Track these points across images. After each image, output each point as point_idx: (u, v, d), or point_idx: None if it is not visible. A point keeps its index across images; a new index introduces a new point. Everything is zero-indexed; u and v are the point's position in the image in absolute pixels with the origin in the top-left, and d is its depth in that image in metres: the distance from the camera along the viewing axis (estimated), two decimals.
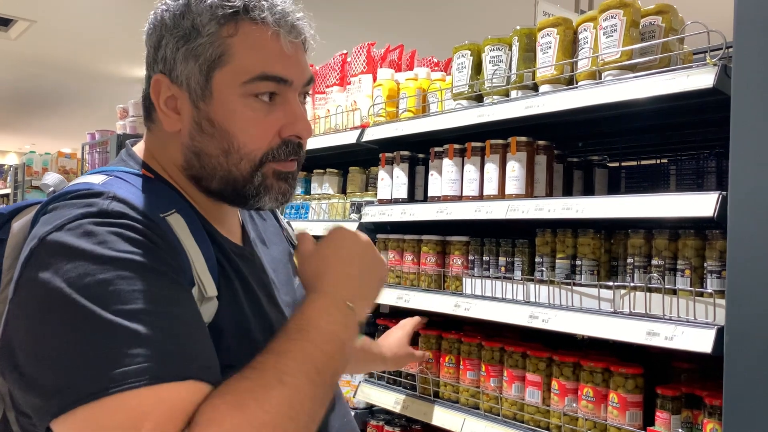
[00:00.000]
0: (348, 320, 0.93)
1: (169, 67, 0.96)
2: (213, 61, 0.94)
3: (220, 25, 0.93)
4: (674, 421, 1.61)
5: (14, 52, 8.20)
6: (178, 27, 0.95)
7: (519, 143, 2.00)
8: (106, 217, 0.84)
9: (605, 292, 1.72)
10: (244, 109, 0.95)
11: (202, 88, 0.95)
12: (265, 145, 0.97)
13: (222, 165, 0.97)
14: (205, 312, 0.90)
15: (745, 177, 1.36)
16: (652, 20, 1.76)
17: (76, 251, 0.79)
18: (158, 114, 0.98)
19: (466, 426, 2.02)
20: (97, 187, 0.89)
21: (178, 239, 0.89)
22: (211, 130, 0.96)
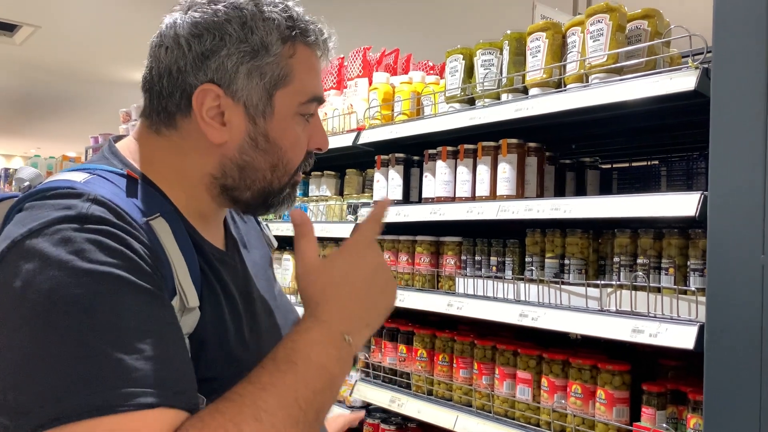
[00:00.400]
0: (343, 354, 0.86)
1: (228, 80, 0.93)
2: (276, 80, 0.95)
3: (282, 44, 0.95)
4: (659, 416, 1.64)
5: (19, 58, 8.28)
6: (245, 42, 0.93)
7: (510, 145, 2.03)
8: (85, 222, 0.79)
9: (592, 291, 1.76)
10: (295, 128, 0.98)
11: (264, 105, 0.95)
12: (300, 160, 1.01)
13: (266, 178, 0.98)
14: (186, 323, 0.86)
15: (724, 177, 1.40)
16: (638, 24, 1.80)
17: (51, 261, 0.75)
18: (195, 123, 0.95)
19: (458, 423, 2.05)
20: (78, 186, 0.85)
21: (161, 245, 0.86)
22: (265, 146, 0.96)
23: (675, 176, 2.30)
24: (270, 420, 0.75)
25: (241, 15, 0.94)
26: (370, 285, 0.92)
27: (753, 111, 1.36)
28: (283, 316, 1.11)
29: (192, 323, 0.87)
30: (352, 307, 0.90)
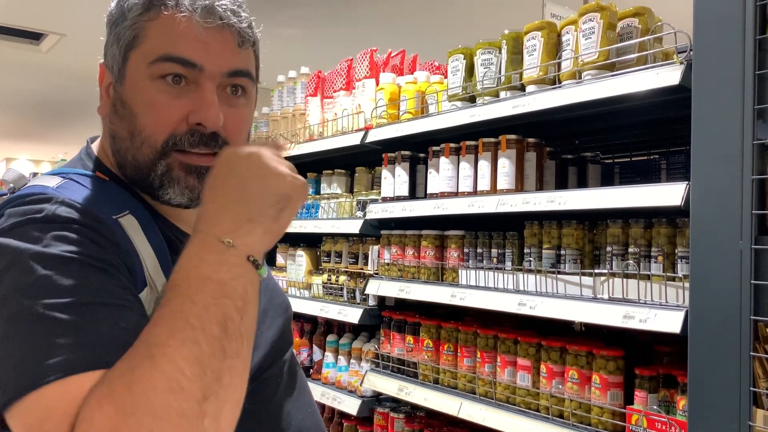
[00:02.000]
0: (228, 258, 0.78)
1: (105, 52, 0.98)
2: (129, 42, 0.94)
3: (145, 11, 0.94)
4: (651, 399, 1.70)
5: (46, 65, 8.52)
6: (113, 12, 0.97)
7: (509, 141, 2.11)
8: (52, 221, 0.82)
9: (586, 279, 1.82)
10: (150, 91, 0.93)
11: (119, 70, 0.95)
12: (167, 130, 0.93)
13: (129, 149, 0.95)
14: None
15: (705, 168, 1.46)
16: (629, 22, 1.87)
17: (16, 252, 0.78)
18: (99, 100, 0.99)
19: (462, 409, 2.13)
20: (50, 191, 0.87)
21: (130, 241, 0.88)
22: (122, 111, 0.95)
23: (675, 169, 2.35)
24: (162, 351, 0.70)
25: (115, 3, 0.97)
26: (247, 178, 0.83)
27: (731, 105, 1.42)
28: (268, 299, 1.09)
29: None
30: (227, 206, 0.81)
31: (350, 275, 2.78)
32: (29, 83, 9.61)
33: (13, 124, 13.04)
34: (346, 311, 2.65)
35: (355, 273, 2.77)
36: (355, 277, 2.76)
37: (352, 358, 2.75)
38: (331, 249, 2.92)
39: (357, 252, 2.79)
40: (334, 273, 2.86)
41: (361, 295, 2.68)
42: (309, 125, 3.09)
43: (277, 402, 1.03)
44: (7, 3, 6.20)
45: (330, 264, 2.91)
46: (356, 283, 2.73)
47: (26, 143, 15.74)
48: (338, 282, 2.81)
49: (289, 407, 1.05)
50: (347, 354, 2.77)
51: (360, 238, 2.79)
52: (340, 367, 2.78)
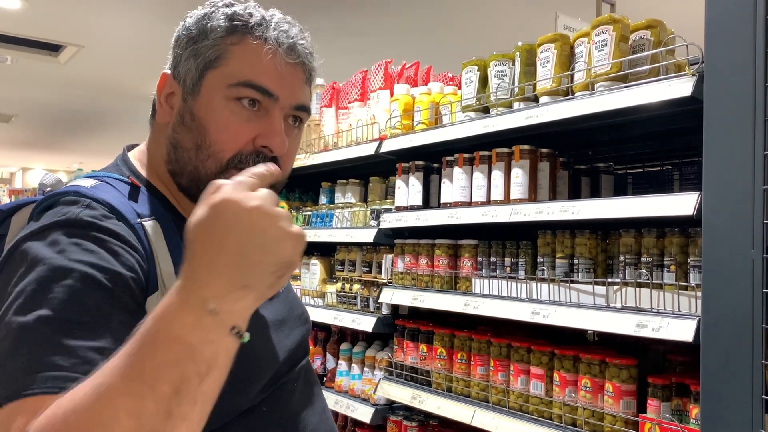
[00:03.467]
0: (205, 322, 0.71)
1: (175, 64, 1.02)
2: (209, 61, 0.99)
3: (228, 34, 0.99)
4: (664, 407, 1.71)
5: (64, 76, 8.65)
6: (192, 28, 1.01)
7: (522, 151, 2.13)
8: (72, 226, 0.87)
9: (599, 288, 1.84)
10: (224, 110, 0.98)
11: (194, 84, 1.00)
12: (234, 148, 0.98)
13: (191, 160, 0.99)
14: None
15: (717, 178, 1.48)
16: (642, 34, 1.89)
17: (38, 261, 0.84)
18: (157, 108, 1.04)
19: (476, 418, 2.14)
20: (84, 191, 0.93)
21: (150, 244, 0.92)
22: (190, 124, 0.99)
23: (687, 180, 2.36)
24: (107, 396, 0.68)
25: (202, 12, 1.03)
26: (247, 239, 0.73)
27: (742, 116, 1.44)
28: (288, 310, 1.13)
29: None
30: (221, 267, 0.72)
31: (364, 284, 2.81)
32: (47, 94, 9.76)
33: (31, 134, 13.23)
34: (360, 320, 2.68)
35: (369, 282, 2.79)
36: (368, 285, 2.78)
37: (365, 367, 2.77)
38: (345, 258, 2.95)
39: (371, 261, 2.82)
40: (348, 282, 2.89)
41: (374, 303, 2.71)
42: (324, 135, 3.13)
43: (293, 407, 1.06)
44: (26, 15, 6.32)
45: (344, 273, 2.94)
46: (370, 292, 2.75)
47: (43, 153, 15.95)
48: (352, 290, 2.84)
49: (304, 413, 1.08)
50: (361, 362, 2.79)
51: (374, 247, 2.82)
52: (353, 376, 2.80)
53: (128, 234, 0.90)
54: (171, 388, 0.69)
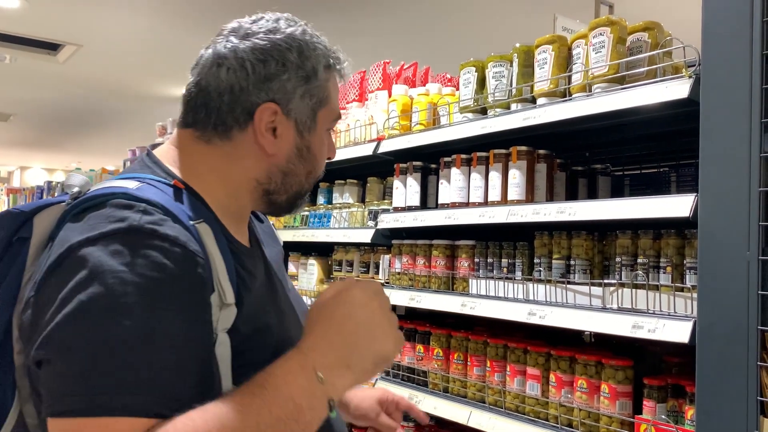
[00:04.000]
0: (314, 389, 0.87)
1: (285, 100, 1.07)
2: (319, 101, 1.11)
3: (327, 73, 1.12)
4: (659, 409, 1.72)
5: (62, 75, 8.64)
6: (302, 68, 1.08)
7: (519, 152, 2.14)
8: (136, 234, 0.88)
9: (596, 290, 1.84)
10: (325, 140, 1.16)
11: (310, 122, 1.11)
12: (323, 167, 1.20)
13: (301, 183, 1.14)
14: (226, 316, 0.95)
15: (713, 180, 1.49)
16: (639, 36, 1.90)
17: (103, 270, 0.85)
18: (247, 135, 1.07)
19: (472, 418, 2.15)
20: (132, 192, 0.94)
21: (204, 247, 0.95)
22: (306, 156, 1.12)
23: (684, 181, 2.37)
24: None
25: (298, 45, 1.08)
26: (362, 327, 0.92)
27: (738, 118, 1.44)
28: (297, 305, 1.21)
29: (230, 317, 0.96)
30: (335, 344, 0.90)
31: None
32: (46, 93, 9.75)
33: (29, 133, 13.21)
34: None
35: None
36: None
37: None
38: (342, 258, 2.95)
39: (368, 261, 2.82)
40: None
41: None
42: None
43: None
44: (25, 14, 6.32)
45: (341, 273, 2.94)
46: None
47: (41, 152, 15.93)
48: None
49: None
50: None
51: (371, 248, 2.82)
52: None
53: (188, 238, 0.92)
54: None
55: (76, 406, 0.81)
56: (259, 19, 1.11)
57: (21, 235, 0.98)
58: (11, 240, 0.98)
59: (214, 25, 1.39)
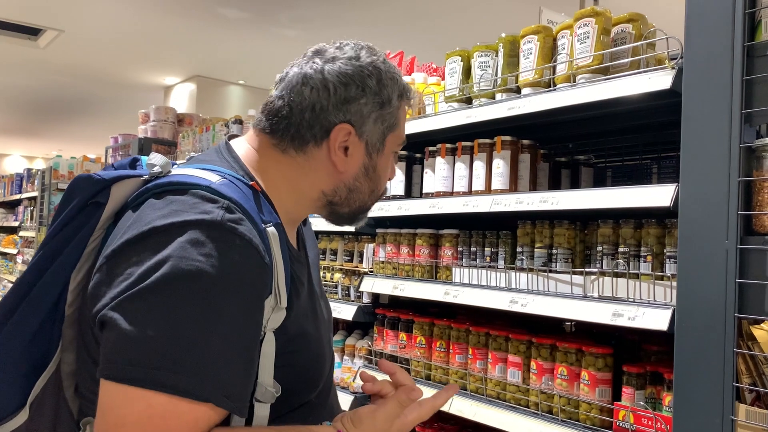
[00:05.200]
0: None
1: (360, 122, 1.15)
2: (390, 126, 1.18)
3: (399, 98, 1.19)
4: (638, 395, 1.74)
5: (43, 61, 8.52)
6: (378, 95, 1.15)
7: (503, 142, 2.15)
8: (217, 228, 0.96)
9: (577, 278, 1.87)
10: (390, 163, 1.25)
11: (379, 144, 1.19)
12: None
13: (363, 200, 1.22)
14: (276, 318, 1.03)
15: (694, 170, 1.51)
16: (623, 27, 1.91)
17: (183, 256, 0.93)
18: (321, 151, 1.15)
19: (453, 405, 2.16)
20: (215, 187, 1.02)
21: (269, 252, 1.02)
22: (372, 176, 1.20)
23: (666, 173, 2.39)
24: None
25: (378, 73, 1.16)
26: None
27: (720, 109, 1.46)
28: (326, 311, 1.29)
29: (279, 320, 1.04)
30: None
31: (345, 273, 2.82)
32: (25, 79, 9.61)
33: (8, 120, 13.02)
34: (341, 308, 2.68)
35: (350, 271, 2.80)
36: (349, 274, 2.79)
37: (345, 355, 2.78)
38: (326, 247, 2.95)
39: (352, 250, 2.83)
40: (329, 270, 2.89)
41: (355, 292, 2.72)
42: None
43: (332, 398, 1.25)
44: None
45: (325, 262, 2.95)
46: (351, 281, 2.76)
47: (20, 139, 15.71)
48: (333, 279, 2.84)
49: (336, 403, 1.27)
50: (341, 351, 2.80)
51: (355, 237, 2.83)
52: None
53: (259, 241, 1.00)
54: None
55: (136, 375, 0.89)
56: (344, 45, 1.19)
57: (98, 200, 1.06)
58: (87, 203, 1.06)
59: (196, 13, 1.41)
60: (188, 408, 0.90)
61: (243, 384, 0.97)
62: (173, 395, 0.89)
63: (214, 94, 9.45)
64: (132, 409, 0.89)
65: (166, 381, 0.89)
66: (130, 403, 0.89)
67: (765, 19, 1.44)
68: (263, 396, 1.03)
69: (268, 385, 1.02)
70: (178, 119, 5.34)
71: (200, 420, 0.92)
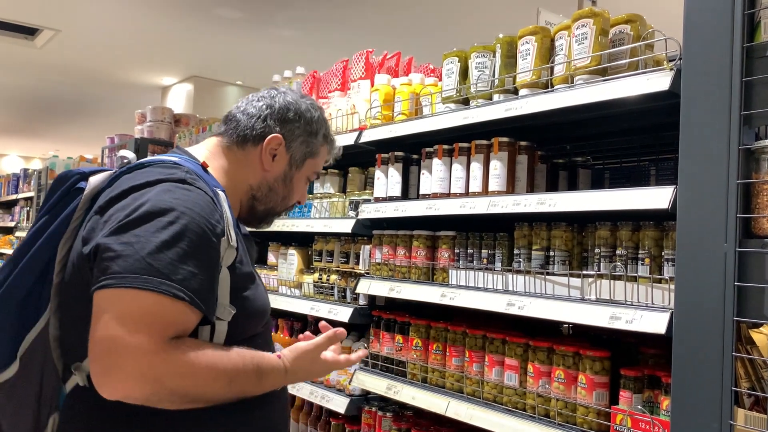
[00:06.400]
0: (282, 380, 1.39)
1: (290, 138, 1.52)
2: (311, 152, 1.57)
3: (323, 140, 1.60)
4: (636, 399, 1.73)
5: (39, 61, 8.49)
6: (311, 125, 1.55)
7: (501, 143, 2.14)
8: (182, 182, 1.26)
9: (574, 281, 1.85)
10: (303, 184, 1.61)
11: (299, 163, 1.56)
12: (293, 204, 1.63)
13: (276, 202, 1.57)
14: (228, 255, 1.29)
15: (692, 172, 1.49)
16: (621, 28, 1.90)
17: (157, 198, 1.21)
18: (256, 151, 1.50)
19: (450, 408, 2.15)
20: (178, 161, 1.35)
21: (220, 204, 1.33)
22: (288, 185, 1.57)
23: (664, 175, 2.38)
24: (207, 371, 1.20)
25: (314, 112, 1.57)
26: (310, 369, 1.45)
27: (719, 111, 1.45)
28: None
29: (231, 257, 1.31)
30: (299, 372, 1.42)
31: (341, 274, 2.80)
32: (22, 79, 9.58)
33: (5, 119, 12.97)
34: (337, 310, 2.67)
35: (347, 272, 2.78)
36: (346, 276, 2.77)
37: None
38: (323, 248, 2.93)
39: (348, 251, 2.81)
40: (326, 272, 2.88)
41: (351, 294, 2.70)
42: None
43: (269, 339, 1.53)
44: None
45: (321, 263, 2.93)
46: (347, 283, 2.74)
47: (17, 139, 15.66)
48: (329, 281, 2.82)
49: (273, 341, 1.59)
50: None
51: (352, 238, 2.81)
52: None
53: (211, 194, 1.31)
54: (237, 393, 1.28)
55: (128, 280, 1.12)
56: (299, 92, 1.61)
57: (79, 186, 1.33)
58: (70, 190, 1.33)
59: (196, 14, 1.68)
60: (170, 306, 1.14)
61: (209, 293, 1.22)
62: (158, 293, 1.12)
63: (211, 94, 9.43)
64: (128, 306, 1.12)
65: (151, 283, 1.12)
66: (125, 302, 1.12)
67: (764, 20, 1.43)
68: (222, 314, 1.27)
69: (225, 305, 1.28)
70: (175, 119, 5.32)
71: (180, 318, 1.16)
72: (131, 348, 1.10)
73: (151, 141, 5.06)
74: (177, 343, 1.16)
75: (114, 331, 1.10)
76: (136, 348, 1.10)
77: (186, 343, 1.18)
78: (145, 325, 1.12)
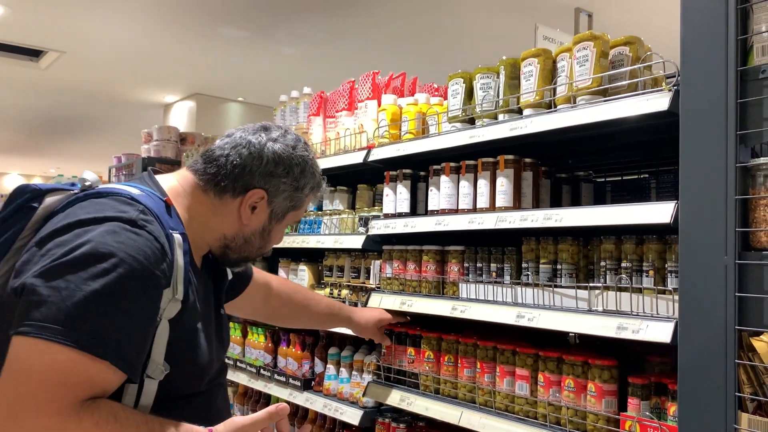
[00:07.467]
0: None
1: (274, 194, 1.46)
2: (294, 207, 1.51)
3: (309, 191, 1.53)
4: (643, 406, 1.80)
5: (44, 81, 8.59)
6: (297, 181, 1.48)
7: (506, 161, 2.22)
8: (132, 224, 1.20)
9: (582, 293, 1.93)
10: (281, 232, 1.56)
11: (281, 216, 1.50)
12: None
13: (251, 252, 1.52)
14: (171, 308, 1.25)
15: (692, 188, 1.57)
16: (621, 50, 1.99)
17: (99, 241, 1.14)
18: (235, 203, 1.43)
19: (463, 418, 2.22)
20: (135, 196, 1.26)
21: (172, 251, 1.26)
22: (266, 237, 1.51)
23: (664, 188, 2.46)
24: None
25: (304, 165, 1.49)
26: None
27: (716, 130, 1.53)
28: (226, 336, 1.60)
29: (174, 310, 1.26)
30: None
31: (352, 289, 2.87)
32: (26, 99, 9.68)
33: (8, 138, 13.07)
34: None
35: (357, 287, 2.86)
36: (357, 290, 2.85)
37: (353, 370, 2.82)
38: (333, 264, 3.01)
39: (359, 266, 2.88)
40: (337, 287, 2.95)
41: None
42: (312, 144, 3.19)
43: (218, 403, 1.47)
44: (7, 20, 6.29)
45: (332, 278, 3.00)
46: (358, 297, 2.81)
47: (19, 158, 15.74)
48: (341, 295, 2.90)
49: (224, 409, 1.51)
50: (349, 366, 2.85)
51: (362, 254, 2.88)
52: (341, 379, 2.86)
53: (164, 241, 1.24)
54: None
55: (45, 331, 1.06)
56: (287, 134, 1.49)
57: (31, 204, 1.26)
58: (23, 206, 1.27)
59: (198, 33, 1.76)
60: (88, 364, 1.08)
61: (137, 353, 1.16)
62: (76, 350, 1.06)
63: (213, 111, 9.53)
64: (39, 360, 1.05)
65: (70, 337, 1.06)
66: (38, 354, 1.05)
67: (757, 45, 1.51)
68: (153, 372, 1.22)
69: (158, 363, 1.23)
70: (181, 138, 5.41)
71: (97, 378, 1.10)
72: (33, 409, 1.03)
73: (158, 160, 5.14)
74: (85, 408, 1.07)
75: (20, 386, 1.04)
76: (38, 410, 1.03)
77: (95, 410, 1.09)
78: (52, 386, 1.04)
